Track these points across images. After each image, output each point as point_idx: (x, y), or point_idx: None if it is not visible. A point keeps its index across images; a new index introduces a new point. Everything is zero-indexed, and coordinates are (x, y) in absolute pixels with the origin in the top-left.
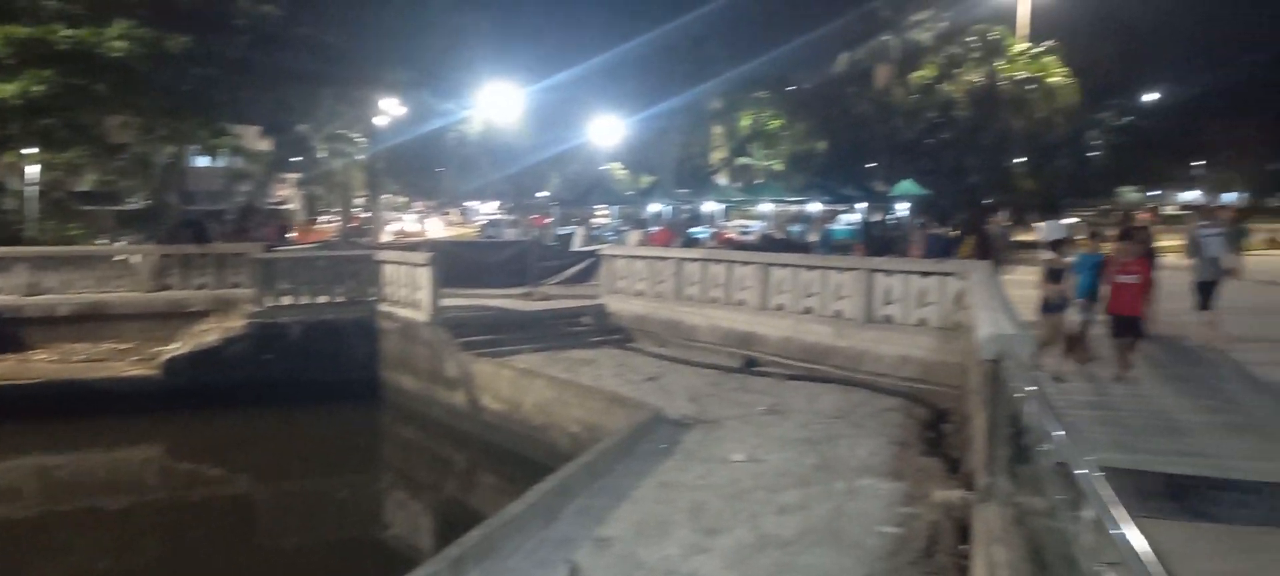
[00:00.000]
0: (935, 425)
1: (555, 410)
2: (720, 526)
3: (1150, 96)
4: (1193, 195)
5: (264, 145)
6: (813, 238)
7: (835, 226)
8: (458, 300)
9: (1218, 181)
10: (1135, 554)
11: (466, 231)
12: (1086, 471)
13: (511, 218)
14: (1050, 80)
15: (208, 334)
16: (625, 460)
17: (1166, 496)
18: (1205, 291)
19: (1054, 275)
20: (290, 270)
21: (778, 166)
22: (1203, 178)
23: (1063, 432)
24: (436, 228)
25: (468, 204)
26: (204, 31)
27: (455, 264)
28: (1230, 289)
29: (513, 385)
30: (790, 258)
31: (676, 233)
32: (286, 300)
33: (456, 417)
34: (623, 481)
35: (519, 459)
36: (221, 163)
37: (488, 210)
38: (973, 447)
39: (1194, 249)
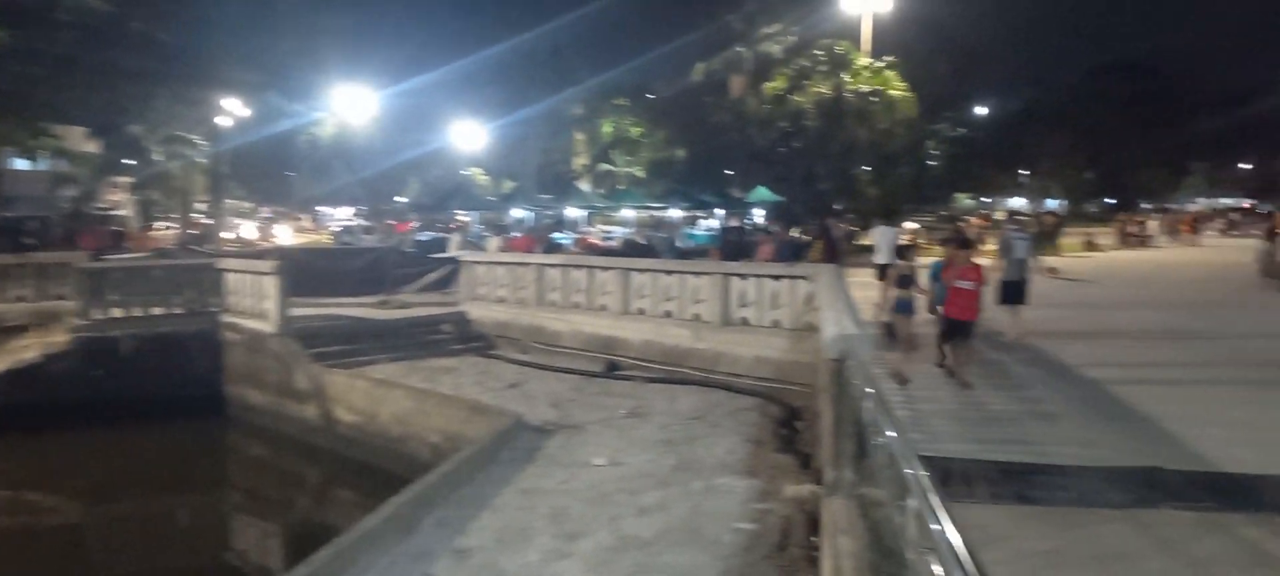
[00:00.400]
0: (789, 422)
1: (414, 420)
2: (582, 531)
3: (981, 110)
4: (1020, 202)
5: (92, 147)
6: (679, 243)
7: (694, 231)
8: (309, 310)
9: (1041, 189)
10: (947, 540)
11: (319, 238)
12: (909, 463)
13: (368, 223)
14: (891, 93)
15: (26, 351)
16: (487, 468)
17: (997, 482)
18: (1013, 289)
19: (903, 281)
20: (122, 280)
21: (639, 173)
22: (1028, 185)
23: (895, 427)
24: (286, 234)
25: (320, 209)
26: (24, 25)
27: (307, 272)
28: (1041, 286)
29: (368, 396)
30: (650, 262)
31: (539, 239)
32: (117, 312)
33: (309, 432)
34: (484, 490)
35: (376, 472)
36: (44, 166)
37: (342, 216)
38: (822, 443)
39: (1005, 250)
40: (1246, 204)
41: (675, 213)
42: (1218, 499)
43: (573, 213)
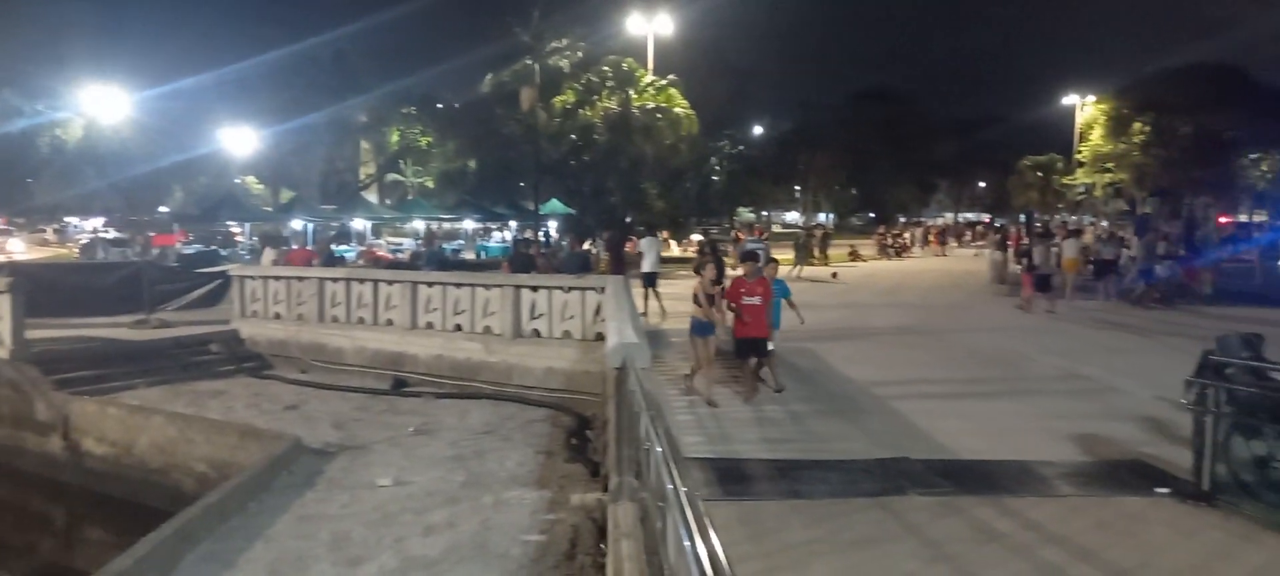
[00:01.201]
0: (580, 432)
1: (177, 449)
2: (364, 555)
3: (758, 130)
4: (794, 215)
5: None
6: (468, 254)
7: (488, 243)
8: (52, 332)
9: (812, 203)
10: (696, 544)
11: (64, 251)
12: (674, 467)
13: (118, 235)
14: (675, 111)
15: None
16: (260, 496)
17: (771, 479)
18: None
19: (709, 299)
20: None
21: (429, 183)
22: (801, 200)
23: (666, 432)
24: (19, 248)
25: (69, 220)
26: None
27: (51, 290)
28: (816, 291)
29: (123, 425)
30: (440, 275)
31: (319, 251)
32: None
33: (52, 467)
34: (257, 519)
35: (134, 507)
36: None
37: (94, 226)
38: (608, 450)
39: (745, 259)
40: (986, 218)
41: (469, 224)
42: (954, 483)
43: (358, 224)
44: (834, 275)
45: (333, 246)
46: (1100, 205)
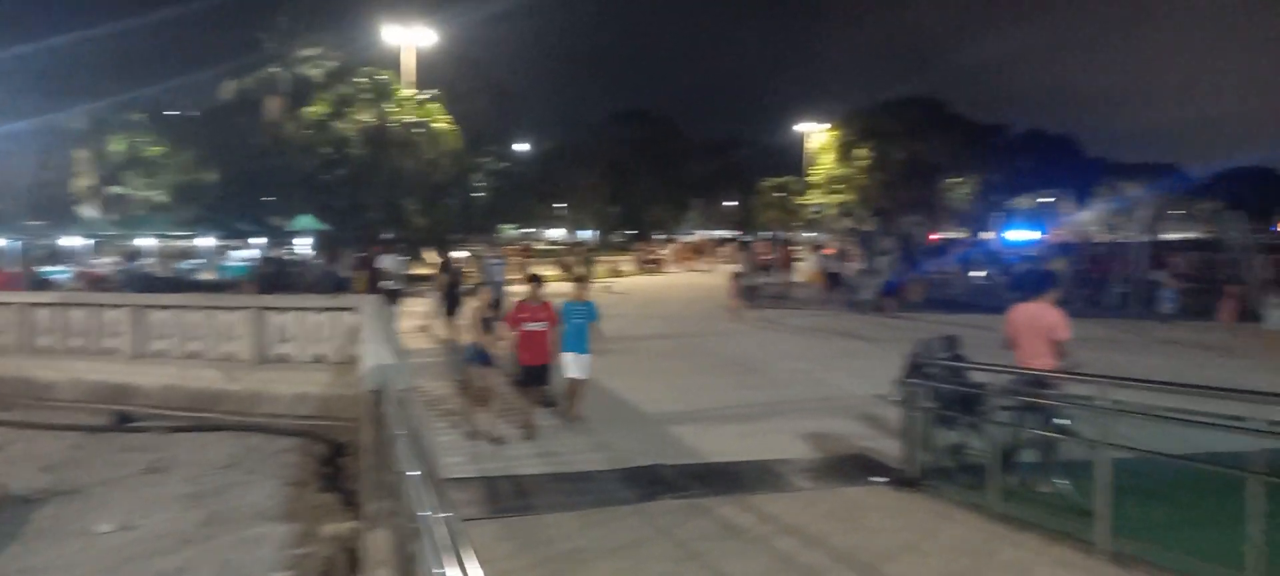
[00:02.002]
0: (334, 460)
1: None
2: None
3: (521, 146)
4: (558, 232)
5: None
6: (208, 274)
7: (228, 262)
8: None
9: (576, 220)
10: (454, 563)
11: None
12: (430, 489)
13: None
14: (435, 126)
15: None
16: None
17: (538, 493)
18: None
19: (486, 324)
20: None
21: (161, 198)
22: (565, 217)
23: (423, 454)
24: None
25: None
26: None
27: None
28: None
29: None
30: (172, 298)
31: (26, 271)
32: None
33: None
34: None
35: None
36: None
37: None
38: (364, 477)
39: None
40: (734, 235)
41: (208, 241)
42: (703, 486)
43: (74, 241)
44: (609, 288)
45: (41, 267)
46: (831, 223)
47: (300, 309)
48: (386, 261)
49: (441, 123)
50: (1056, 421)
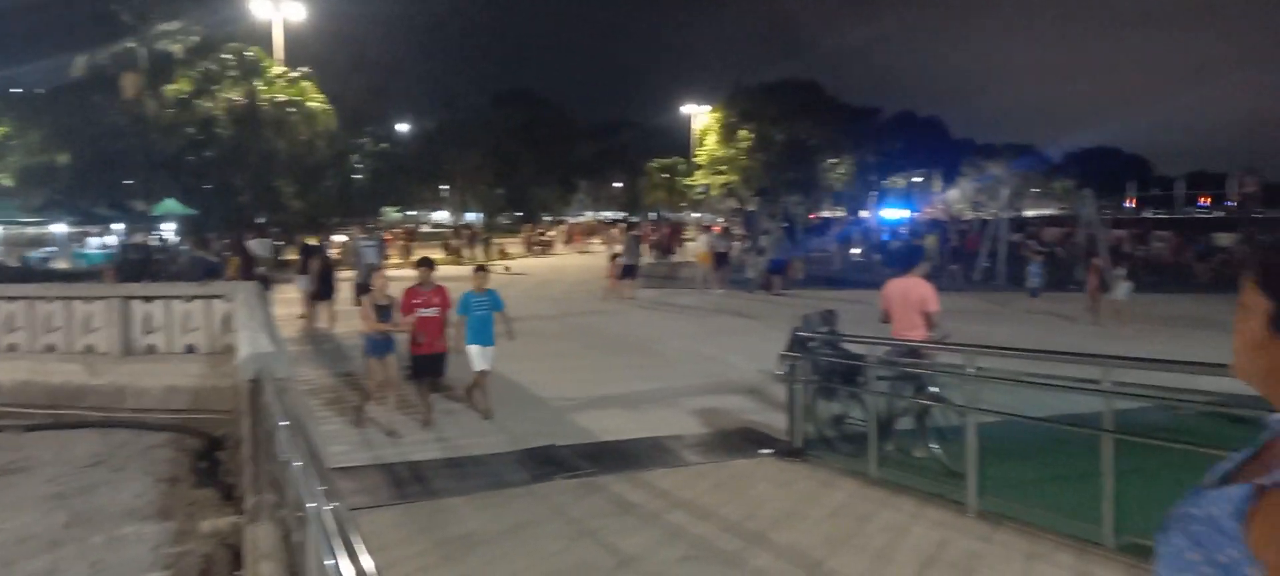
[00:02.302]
0: (210, 454)
1: None
2: None
3: (402, 127)
4: (443, 215)
5: None
6: (62, 263)
7: (86, 250)
8: None
9: (460, 203)
10: (342, 552)
11: None
12: (316, 480)
13: None
14: (310, 105)
15: None
16: None
17: (427, 480)
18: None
19: (382, 310)
20: None
21: (6, 181)
22: (449, 200)
23: (307, 443)
24: None
25: None
26: None
27: None
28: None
29: None
30: (24, 288)
31: None
32: None
33: None
34: None
35: None
36: None
37: None
38: (244, 470)
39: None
40: (622, 216)
41: (61, 227)
42: (596, 464)
43: None
44: (507, 268)
45: None
46: (717, 204)
47: (168, 297)
48: (259, 246)
49: (316, 101)
50: (929, 389)
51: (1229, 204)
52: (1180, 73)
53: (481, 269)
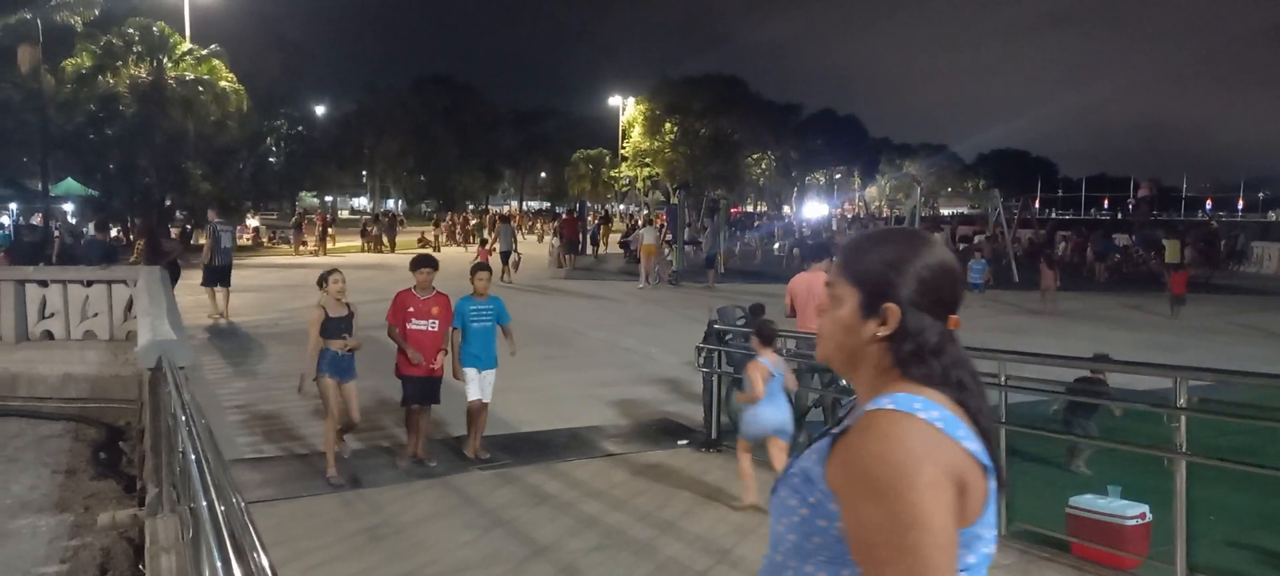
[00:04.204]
0: (111, 444)
1: None
2: None
3: (319, 109)
4: (362, 201)
5: None
6: None
7: None
8: None
9: (380, 189)
10: (235, 547)
11: None
12: (207, 470)
13: None
14: (220, 84)
15: None
16: None
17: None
18: (220, 273)
19: (334, 325)
20: None
21: None
22: (368, 186)
23: (209, 432)
24: None
25: None
26: None
27: None
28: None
29: None
30: None
31: None
32: None
33: None
34: None
35: None
36: None
37: None
38: (145, 461)
39: (214, 241)
40: (547, 206)
41: None
42: (513, 455)
43: None
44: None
45: None
46: (642, 196)
47: (67, 281)
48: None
49: (227, 81)
50: (842, 382)
51: (1128, 206)
52: (1086, 79)
53: (483, 268)
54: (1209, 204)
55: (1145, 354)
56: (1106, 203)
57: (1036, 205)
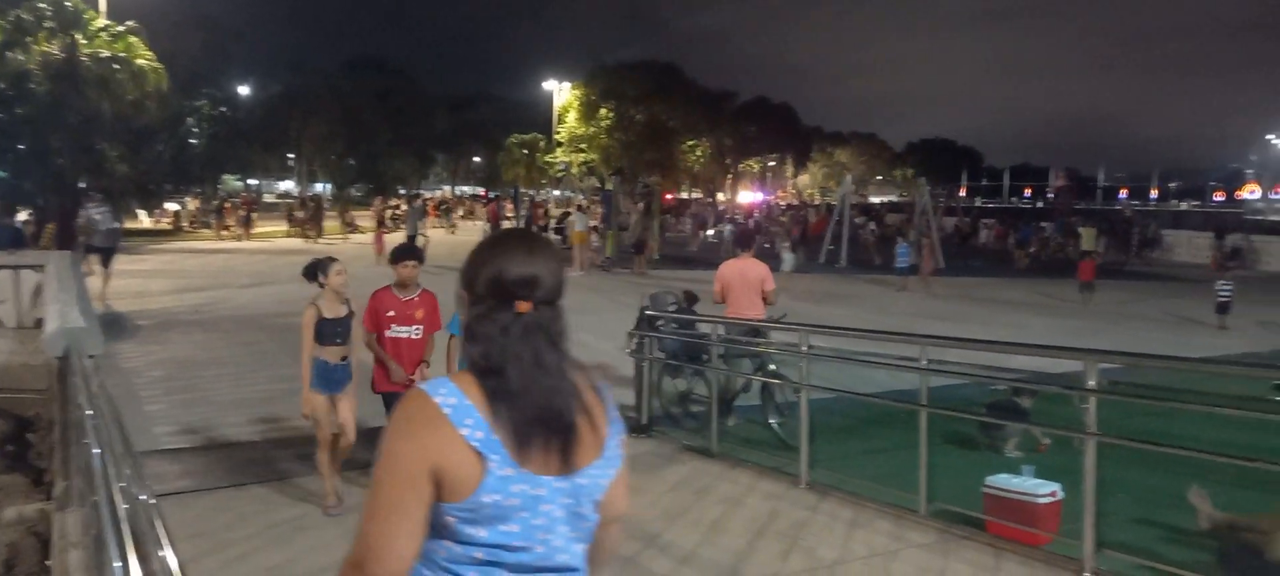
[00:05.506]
0: (19, 436)
1: None
2: None
3: (243, 90)
4: (289, 184)
5: None
6: None
7: None
8: None
9: (308, 173)
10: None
11: None
12: (122, 463)
13: None
14: (138, 62)
15: None
16: None
17: (261, 464)
18: (105, 254)
19: (331, 327)
20: None
21: None
22: (296, 169)
23: (119, 423)
24: None
25: None
26: None
27: None
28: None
29: None
30: None
31: None
32: None
33: None
34: None
35: None
36: None
37: None
38: (54, 453)
39: (90, 224)
40: (482, 192)
41: None
42: None
43: None
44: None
45: None
46: (577, 182)
47: None
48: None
49: (145, 59)
50: (769, 367)
51: (1048, 195)
52: (1013, 71)
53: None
54: (1124, 193)
55: (1061, 338)
56: (1029, 191)
57: (963, 193)
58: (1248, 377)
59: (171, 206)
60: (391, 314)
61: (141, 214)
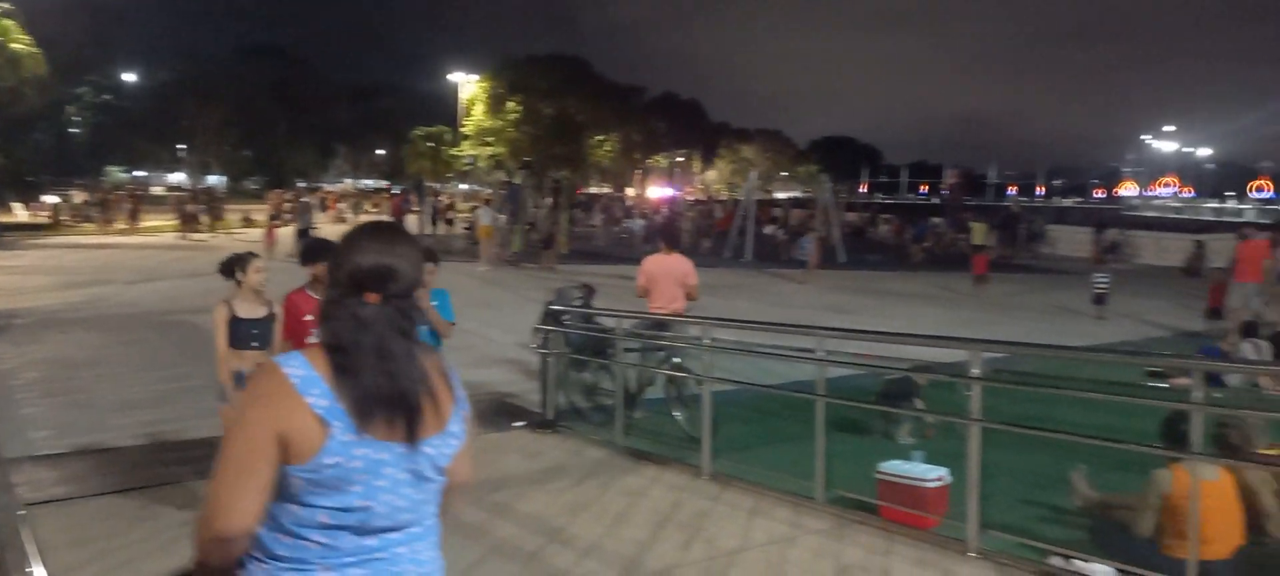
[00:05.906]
0: None
1: None
2: None
3: (131, 77)
4: (180, 176)
5: None
6: None
7: None
8: None
9: (200, 164)
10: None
11: None
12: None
13: None
14: (13, 47)
15: None
16: None
17: (145, 465)
18: None
19: (247, 327)
20: None
21: None
22: (187, 160)
23: None
24: None
25: None
26: None
27: None
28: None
29: None
30: None
31: None
32: None
33: None
34: None
35: None
36: None
37: None
38: None
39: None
40: (385, 185)
41: None
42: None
43: None
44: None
45: None
46: (484, 175)
47: None
48: None
49: (20, 44)
50: (675, 360)
51: (943, 192)
52: (912, 72)
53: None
54: (1013, 190)
55: (952, 328)
56: (924, 188)
57: (863, 189)
58: (1123, 365)
59: (50, 199)
60: (309, 317)
61: (17, 207)
